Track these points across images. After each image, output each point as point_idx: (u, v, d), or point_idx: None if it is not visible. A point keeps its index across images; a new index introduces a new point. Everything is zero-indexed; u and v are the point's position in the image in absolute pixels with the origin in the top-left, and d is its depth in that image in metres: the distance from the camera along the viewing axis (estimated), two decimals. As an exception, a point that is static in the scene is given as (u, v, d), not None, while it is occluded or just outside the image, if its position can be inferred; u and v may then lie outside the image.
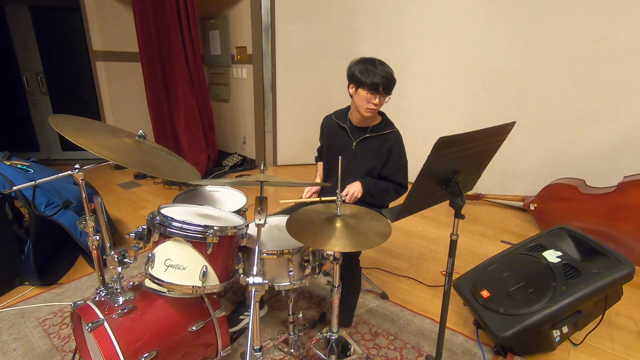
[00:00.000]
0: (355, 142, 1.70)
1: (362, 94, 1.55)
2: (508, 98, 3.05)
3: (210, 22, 4.35)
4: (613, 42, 2.54)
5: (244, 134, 4.49)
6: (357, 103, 1.61)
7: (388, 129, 1.69)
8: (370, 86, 1.51)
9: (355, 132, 1.71)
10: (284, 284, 1.30)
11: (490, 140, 1.17)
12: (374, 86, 1.51)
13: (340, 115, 1.78)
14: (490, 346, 1.65)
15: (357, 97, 1.59)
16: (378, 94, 1.53)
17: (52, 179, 1.37)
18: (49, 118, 1.21)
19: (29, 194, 1.99)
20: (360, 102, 1.58)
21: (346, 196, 1.60)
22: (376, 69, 1.51)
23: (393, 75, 1.55)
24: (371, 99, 1.54)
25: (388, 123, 1.72)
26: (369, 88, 1.52)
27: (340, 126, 1.75)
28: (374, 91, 1.52)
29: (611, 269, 1.47)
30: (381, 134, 1.67)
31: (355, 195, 1.61)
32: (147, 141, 1.41)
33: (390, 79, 1.53)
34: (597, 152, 2.76)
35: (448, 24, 3.21)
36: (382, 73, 1.51)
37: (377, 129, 1.68)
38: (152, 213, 1.22)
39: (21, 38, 4.01)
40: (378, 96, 1.54)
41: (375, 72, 1.51)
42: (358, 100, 1.59)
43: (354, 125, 1.72)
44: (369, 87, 1.52)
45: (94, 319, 1.15)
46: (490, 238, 2.70)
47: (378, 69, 1.52)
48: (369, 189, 1.65)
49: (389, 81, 1.52)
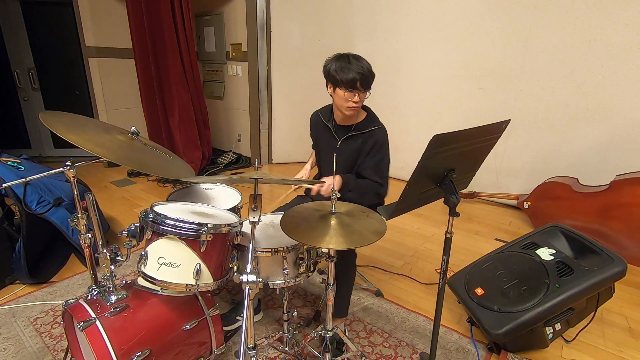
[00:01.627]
0: (340, 141, 1.65)
1: (340, 93, 1.50)
2: (502, 97, 3.07)
3: (204, 19, 4.31)
4: (606, 42, 2.56)
5: (238, 132, 4.47)
6: (337, 102, 1.55)
7: (373, 125, 1.62)
8: (347, 84, 1.45)
9: (339, 131, 1.66)
10: (278, 282, 1.29)
11: (485, 138, 1.17)
12: (350, 83, 1.45)
13: (325, 113, 1.73)
14: (484, 343, 1.66)
15: (336, 96, 1.54)
16: (356, 91, 1.47)
17: (43, 176, 1.36)
18: (40, 115, 1.19)
19: (19, 191, 1.97)
20: (340, 101, 1.53)
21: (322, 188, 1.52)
22: (351, 65, 1.45)
23: (370, 70, 1.49)
24: (350, 97, 1.48)
25: (373, 119, 1.65)
26: (346, 86, 1.46)
27: (325, 124, 1.71)
28: (352, 88, 1.46)
29: (603, 267, 1.49)
30: (366, 132, 1.62)
31: (329, 185, 1.50)
32: (140, 138, 1.40)
33: (367, 74, 1.47)
34: (590, 151, 2.78)
35: (443, 22, 3.21)
36: (357, 69, 1.44)
37: (361, 127, 1.62)
38: (145, 210, 1.20)
39: (12, 33, 3.94)
40: (357, 93, 1.47)
41: (350, 69, 1.44)
42: (337, 99, 1.54)
43: (338, 124, 1.67)
44: (345, 84, 1.46)
45: (86, 318, 1.14)
46: (485, 236, 2.71)
47: (353, 64, 1.45)
48: (348, 183, 1.59)
49: (365, 76, 1.46)
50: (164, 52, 3.57)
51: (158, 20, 3.47)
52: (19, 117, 4.22)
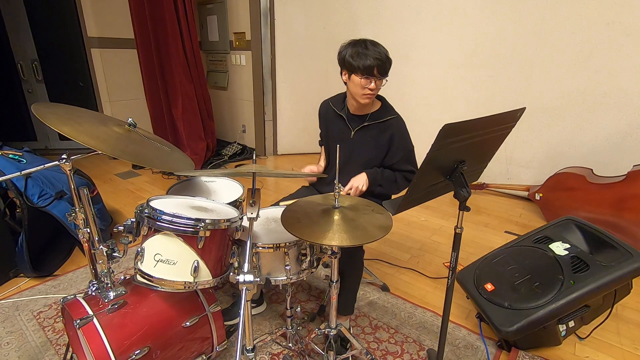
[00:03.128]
0: (354, 131, 1.60)
1: (356, 80, 1.44)
2: (514, 85, 2.96)
3: (207, 7, 4.23)
4: (625, 25, 2.43)
5: (243, 123, 4.41)
6: (352, 90, 1.49)
7: (388, 115, 1.57)
8: (364, 70, 1.40)
9: (353, 121, 1.60)
10: (280, 278, 1.25)
11: (498, 128, 1.10)
12: (367, 70, 1.40)
13: (337, 102, 1.67)
14: (494, 340, 1.61)
15: (351, 84, 1.48)
16: (373, 78, 1.42)
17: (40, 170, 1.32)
18: (32, 106, 1.15)
19: (21, 184, 1.95)
20: (355, 89, 1.47)
21: (350, 190, 1.51)
22: (368, 51, 1.39)
23: (387, 55, 1.43)
24: (366, 84, 1.43)
25: (388, 109, 1.60)
26: (363, 72, 1.41)
27: (337, 114, 1.65)
28: (369, 75, 1.41)
29: (622, 262, 1.42)
30: (381, 122, 1.56)
31: (361, 189, 1.52)
32: (137, 130, 1.35)
33: (385, 60, 1.41)
34: (605, 140, 2.67)
35: (451, 7, 3.09)
36: (374, 54, 1.39)
37: (377, 117, 1.57)
38: (141, 205, 1.16)
39: (14, 25, 3.91)
40: (373, 80, 1.42)
41: (367, 55, 1.39)
42: (352, 87, 1.48)
43: (352, 114, 1.61)
44: (362, 71, 1.40)
45: (83, 315, 1.11)
46: (494, 228, 2.64)
47: (370, 50, 1.40)
48: (376, 179, 1.56)
49: (383, 62, 1.40)
50: (166, 42, 3.51)
51: (159, 9, 3.40)
52: (24, 109, 4.22)
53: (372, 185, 1.55)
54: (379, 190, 1.60)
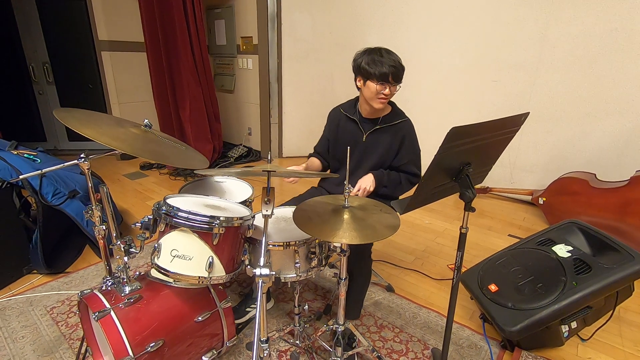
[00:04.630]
0: (366, 134, 1.66)
1: (372, 86, 1.51)
2: (517, 90, 2.99)
3: (215, 12, 4.30)
4: (629, 32, 2.46)
5: (249, 125, 4.47)
6: (367, 95, 1.56)
7: (399, 118, 1.64)
8: (379, 77, 1.48)
9: (366, 124, 1.66)
10: (290, 275, 1.29)
11: (503, 132, 1.14)
12: (383, 76, 1.47)
13: (348, 108, 1.73)
14: (497, 340, 1.64)
15: (366, 89, 1.55)
16: (388, 84, 1.50)
17: (59, 168, 1.37)
18: (54, 112, 1.20)
19: (36, 183, 2.00)
20: (370, 94, 1.53)
21: (359, 191, 1.56)
22: (383, 59, 1.47)
23: (401, 63, 1.51)
24: (381, 89, 1.50)
25: (398, 113, 1.67)
26: (378, 79, 1.48)
27: (349, 118, 1.70)
28: (384, 81, 1.49)
29: (624, 264, 1.44)
30: (393, 125, 1.63)
31: (368, 190, 1.57)
32: (153, 130, 1.40)
33: (399, 67, 1.49)
34: (609, 145, 2.70)
35: (456, 12, 3.13)
36: (390, 62, 1.47)
37: (388, 120, 1.64)
38: (158, 203, 1.21)
39: (27, 28, 4.00)
40: (388, 86, 1.50)
41: (382, 62, 1.47)
42: (367, 92, 1.55)
43: (364, 117, 1.67)
44: (377, 77, 1.48)
45: (101, 308, 1.16)
46: (498, 232, 2.67)
47: (385, 58, 1.48)
48: (382, 180, 1.61)
49: (398, 70, 1.48)
50: (175, 46, 3.58)
51: (169, 14, 3.47)
52: (35, 110, 4.30)
53: (377, 186, 1.61)
54: (383, 190, 1.65)
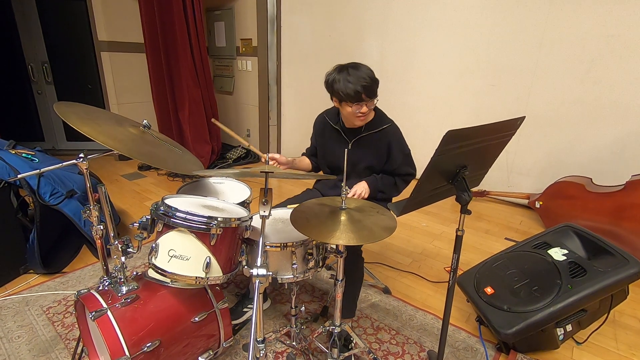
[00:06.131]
0: (351, 142, 1.65)
1: (347, 108, 1.49)
2: (515, 94, 3.01)
3: (215, 13, 4.32)
4: (626, 38, 2.49)
5: (248, 127, 4.48)
6: (345, 115, 1.56)
7: (384, 124, 1.62)
8: (353, 97, 1.44)
9: (349, 134, 1.65)
10: (287, 276, 1.30)
11: (499, 135, 1.15)
12: (356, 96, 1.43)
13: (332, 116, 1.72)
14: (493, 343, 1.65)
15: (342, 110, 1.54)
16: (363, 102, 1.47)
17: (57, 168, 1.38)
18: (54, 105, 1.20)
19: (33, 182, 2.00)
20: (348, 114, 1.53)
21: (353, 196, 1.57)
22: (351, 77, 1.42)
23: (372, 77, 1.46)
24: (357, 109, 1.48)
25: (382, 117, 1.65)
26: (352, 100, 1.44)
27: (333, 127, 1.70)
28: (358, 101, 1.45)
29: (618, 268, 1.45)
30: (377, 131, 1.62)
31: (363, 196, 1.58)
32: (151, 131, 1.41)
33: (371, 82, 1.44)
34: (605, 150, 2.72)
35: (455, 17, 3.16)
36: (359, 81, 1.41)
37: (372, 126, 1.62)
38: (156, 203, 1.21)
39: (26, 28, 4.00)
40: (364, 104, 1.47)
41: (351, 81, 1.42)
42: (345, 113, 1.54)
43: (347, 128, 1.66)
44: (351, 99, 1.44)
45: (98, 308, 1.16)
46: (495, 235, 2.68)
47: (353, 77, 1.42)
48: (377, 186, 1.63)
49: (370, 85, 1.44)
50: (174, 47, 3.59)
51: (169, 15, 3.48)
52: (33, 110, 4.29)
53: (373, 192, 1.62)
54: (380, 195, 1.67)
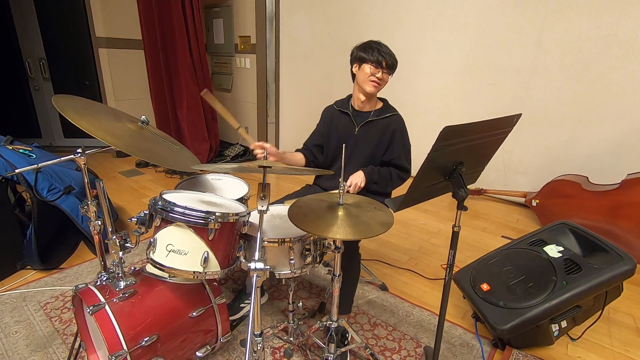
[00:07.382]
0: (358, 126, 1.71)
1: (366, 68, 1.59)
2: (512, 93, 3.03)
3: (214, 10, 4.31)
4: (622, 38, 2.51)
5: (246, 124, 4.47)
6: (361, 79, 1.63)
7: (390, 112, 1.71)
8: (374, 61, 1.58)
9: (358, 117, 1.73)
10: (284, 272, 1.30)
11: (495, 132, 1.16)
12: (377, 61, 1.57)
13: (341, 103, 1.80)
14: (489, 339, 1.66)
15: (360, 73, 1.63)
16: (382, 69, 1.58)
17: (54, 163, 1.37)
18: (52, 98, 1.19)
19: (31, 178, 1.99)
20: (364, 76, 1.61)
21: (350, 187, 1.59)
22: (380, 48, 1.59)
23: (395, 57, 1.61)
24: (375, 72, 1.59)
25: (390, 107, 1.74)
26: (372, 62, 1.58)
27: (342, 112, 1.76)
28: (378, 65, 1.58)
29: (612, 265, 1.47)
30: (384, 117, 1.69)
31: (359, 185, 1.61)
32: (149, 127, 1.41)
33: (394, 59, 1.60)
34: (601, 149, 2.74)
35: (454, 16, 3.17)
36: (386, 51, 1.59)
37: (380, 113, 1.70)
38: (154, 198, 1.22)
39: (24, 24, 3.98)
40: (381, 71, 1.58)
41: (379, 50, 1.58)
42: (361, 75, 1.62)
43: (357, 110, 1.74)
44: (372, 61, 1.58)
45: (96, 302, 1.16)
46: (491, 233, 2.69)
47: (382, 47, 1.60)
48: (372, 176, 1.65)
49: (392, 59, 1.59)
50: (173, 44, 3.59)
51: (167, 12, 3.47)
52: (30, 106, 4.27)
53: (368, 182, 1.65)
54: (374, 187, 1.69)
